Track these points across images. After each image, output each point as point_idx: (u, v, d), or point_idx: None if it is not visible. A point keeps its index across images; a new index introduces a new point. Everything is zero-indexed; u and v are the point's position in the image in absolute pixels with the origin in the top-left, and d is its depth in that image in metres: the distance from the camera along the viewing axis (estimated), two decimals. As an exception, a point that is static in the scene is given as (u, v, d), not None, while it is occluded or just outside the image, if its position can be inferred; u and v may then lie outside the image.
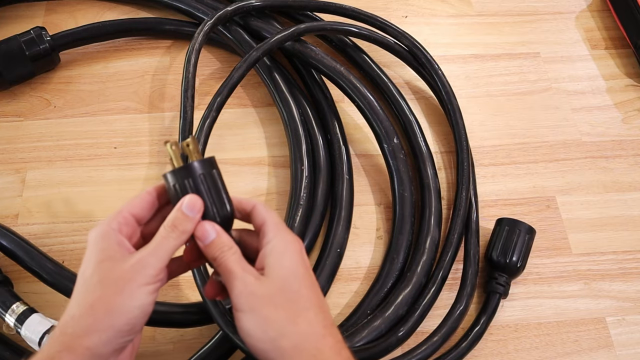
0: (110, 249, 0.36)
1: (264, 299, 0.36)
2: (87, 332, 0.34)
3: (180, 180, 0.38)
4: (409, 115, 0.65)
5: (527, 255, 0.58)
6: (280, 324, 0.35)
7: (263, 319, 0.36)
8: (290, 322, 0.36)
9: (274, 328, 0.35)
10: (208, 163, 0.39)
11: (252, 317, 0.36)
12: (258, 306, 0.36)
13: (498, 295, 0.57)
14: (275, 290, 0.36)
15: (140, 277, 0.35)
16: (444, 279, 0.57)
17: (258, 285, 0.36)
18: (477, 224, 0.61)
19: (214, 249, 0.38)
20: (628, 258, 0.62)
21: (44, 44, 0.66)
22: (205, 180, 0.38)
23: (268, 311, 0.36)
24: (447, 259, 0.57)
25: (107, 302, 0.34)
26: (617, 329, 0.58)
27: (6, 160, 0.65)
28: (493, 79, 0.73)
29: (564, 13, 0.79)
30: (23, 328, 0.49)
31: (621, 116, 0.71)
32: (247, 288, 0.36)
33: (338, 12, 0.69)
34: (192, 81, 0.59)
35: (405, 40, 0.68)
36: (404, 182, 0.61)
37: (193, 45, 0.61)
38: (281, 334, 0.35)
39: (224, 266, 0.37)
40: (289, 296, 0.36)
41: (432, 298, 0.55)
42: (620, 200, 0.65)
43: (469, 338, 0.55)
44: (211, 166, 0.39)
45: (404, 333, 0.53)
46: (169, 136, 0.67)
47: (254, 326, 0.36)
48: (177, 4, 0.71)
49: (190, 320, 0.54)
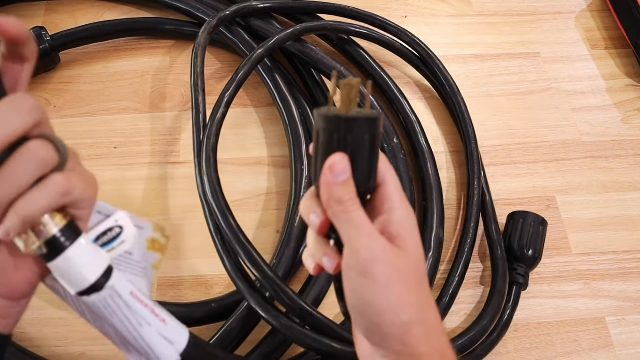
0: None
1: (402, 274, 0.31)
2: None
3: (342, 132, 0.31)
4: (410, 114, 0.65)
5: (542, 246, 0.58)
6: (414, 309, 0.31)
7: (398, 299, 0.30)
8: (421, 309, 0.31)
9: (408, 314, 0.30)
10: (378, 122, 0.31)
11: (387, 293, 0.30)
12: (395, 282, 0.30)
13: (519, 285, 0.57)
14: (411, 269, 0.31)
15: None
16: (466, 265, 0.58)
17: (397, 256, 0.31)
18: (493, 209, 0.62)
19: (344, 192, 0.31)
20: (628, 258, 0.62)
21: (44, 44, 0.66)
22: (368, 144, 0.31)
23: (402, 291, 0.31)
24: (467, 247, 0.59)
25: None
26: (617, 329, 0.58)
27: (6, 160, 0.65)
28: (493, 79, 0.73)
29: (564, 13, 0.79)
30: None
31: (621, 116, 0.71)
32: (385, 255, 0.31)
33: (338, 13, 0.69)
34: (202, 75, 0.60)
35: (406, 37, 0.68)
36: (404, 182, 0.61)
37: (199, 42, 0.61)
38: (414, 321, 0.31)
39: (353, 219, 0.31)
40: (419, 280, 0.32)
41: (458, 283, 0.57)
42: (620, 200, 0.65)
43: (498, 329, 0.56)
44: (377, 128, 0.31)
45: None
46: (169, 136, 0.67)
47: (387, 305, 0.30)
48: (177, 4, 0.71)
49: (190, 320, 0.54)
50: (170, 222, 0.62)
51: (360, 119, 0.30)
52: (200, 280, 0.59)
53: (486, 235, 0.61)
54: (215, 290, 0.58)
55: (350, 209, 0.31)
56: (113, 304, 0.32)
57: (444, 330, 0.32)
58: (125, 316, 0.32)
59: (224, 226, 0.51)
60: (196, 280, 0.59)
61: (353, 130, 0.30)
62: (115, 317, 0.32)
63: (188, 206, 0.62)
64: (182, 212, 0.62)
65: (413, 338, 0.30)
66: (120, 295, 0.32)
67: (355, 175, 0.31)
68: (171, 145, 0.66)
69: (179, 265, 0.59)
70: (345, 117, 0.30)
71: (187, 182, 0.64)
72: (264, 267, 0.50)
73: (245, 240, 0.51)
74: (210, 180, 0.53)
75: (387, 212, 0.32)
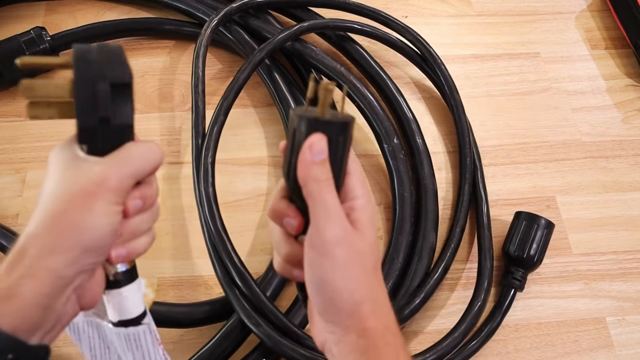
0: (74, 157, 0.32)
1: (360, 256, 0.33)
2: (51, 251, 0.30)
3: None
4: (407, 113, 0.65)
5: (544, 250, 0.58)
6: (366, 289, 0.33)
7: (353, 279, 0.33)
8: (372, 288, 0.34)
9: (361, 293, 0.33)
10: (351, 126, 0.33)
11: (345, 273, 0.32)
12: (353, 263, 0.33)
13: (513, 289, 0.57)
14: (369, 251, 0.34)
15: (110, 194, 0.31)
16: (445, 270, 0.57)
17: (357, 238, 0.33)
18: (488, 217, 0.61)
19: (322, 171, 0.32)
20: (628, 258, 0.62)
21: (44, 44, 0.66)
22: (341, 145, 0.33)
23: (358, 272, 0.33)
24: (450, 251, 0.58)
25: (74, 217, 0.30)
26: (617, 329, 0.58)
27: (6, 160, 0.65)
28: (493, 79, 0.73)
29: (564, 13, 0.79)
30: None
31: (621, 116, 0.71)
32: (347, 238, 0.33)
33: (341, 8, 0.69)
34: (202, 76, 0.60)
35: (409, 35, 0.68)
36: (403, 182, 0.61)
37: (200, 41, 0.61)
38: (365, 299, 0.33)
39: (326, 200, 0.32)
40: (374, 262, 0.34)
41: (432, 286, 0.56)
42: (620, 200, 0.65)
43: (484, 332, 0.56)
44: (350, 131, 0.34)
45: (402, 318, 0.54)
46: (169, 136, 0.67)
47: (344, 285, 0.32)
48: (177, 4, 0.71)
49: (190, 320, 0.54)
50: (170, 222, 0.62)
51: (336, 122, 0.33)
52: (200, 280, 0.59)
53: (477, 243, 0.61)
54: (215, 290, 0.58)
55: (325, 190, 0.33)
56: (142, 339, 0.37)
57: (390, 310, 0.35)
58: (148, 351, 0.37)
59: (221, 249, 0.53)
60: (196, 280, 0.59)
61: (329, 132, 0.32)
62: (138, 351, 0.37)
63: (188, 206, 0.62)
64: (182, 212, 0.62)
65: (362, 314, 0.33)
66: (151, 332, 0.37)
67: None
68: (171, 145, 0.66)
69: (179, 265, 0.59)
70: (324, 120, 0.32)
71: (187, 182, 0.64)
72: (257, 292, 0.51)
73: (240, 263, 0.52)
74: (208, 198, 0.53)
75: (350, 200, 0.34)
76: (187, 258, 0.60)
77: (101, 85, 0.30)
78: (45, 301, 0.30)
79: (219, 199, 0.55)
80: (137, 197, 0.34)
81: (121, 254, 0.34)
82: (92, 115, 0.31)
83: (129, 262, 0.36)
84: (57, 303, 0.31)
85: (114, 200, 0.32)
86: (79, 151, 0.32)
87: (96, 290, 0.34)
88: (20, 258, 0.30)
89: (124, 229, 0.33)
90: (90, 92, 0.30)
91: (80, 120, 0.31)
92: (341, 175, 0.34)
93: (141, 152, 0.33)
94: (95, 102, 0.30)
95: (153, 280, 0.42)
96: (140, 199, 0.34)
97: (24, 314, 0.29)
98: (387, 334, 0.33)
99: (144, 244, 0.36)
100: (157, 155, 0.34)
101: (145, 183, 0.35)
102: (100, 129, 0.31)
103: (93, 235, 0.31)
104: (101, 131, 0.31)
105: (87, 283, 0.33)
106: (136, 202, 0.33)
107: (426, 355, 0.53)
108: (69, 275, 0.31)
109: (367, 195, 0.35)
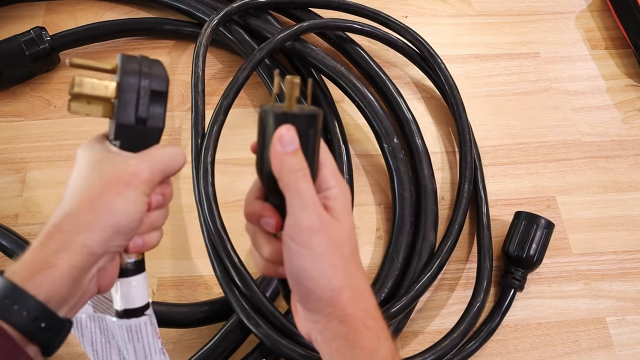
0: (107, 150, 0.36)
1: (336, 244, 0.34)
2: (86, 229, 0.33)
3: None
4: (407, 114, 0.65)
5: (544, 250, 0.58)
6: (345, 275, 0.34)
7: (331, 267, 0.33)
8: (351, 274, 0.34)
9: (339, 280, 0.34)
10: (318, 118, 0.35)
11: (321, 262, 0.33)
12: (330, 251, 0.33)
13: (513, 289, 0.57)
14: (346, 238, 0.35)
15: (142, 185, 0.35)
16: (440, 267, 0.57)
17: (333, 227, 0.34)
18: (488, 217, 0.61)
19: (295, 161, 0.33)
20: (628, 258, 0.62)
21: (44, 44, 0.66)
22: (311, 137, 0.34)
23: (336, 259, 0.34)
24: (446, 248, 0.57)
25: (109, 200, 0.34)
26: (617, 329, 0.58)
27: (6, 160, 0.65)
28: (493, 79, 0.73)
29: (564, 13, 0.79)
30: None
31: (621, 116, 0.71)
32: (323, 227, 0.33)
33: (341, 8, 0.69)
34: (202, 76, 0.60)
35: (408, 35, 0.68)
36: (403, 182, 0.61)
37: (200, 40, 0.61)
38: (344, 285, 0.34)
39: (301, 190, 0.33)
40: (352, 248, 0.35)
41: (425, 283, 0.55)
42: (620, 200, 0.65)
43: (483, 332, 0.56)
44: (318, 123, 0.35)
45: (394, 312, 0.53)
46: (169, 136, 0.67)
47: (321, 273, 0.33)
48: (177, 4, 0.71)
49: (190, 320, 0.54)
50: (170, 222, 0.62)
51: (303, 115, 0.34)
52: (200, 280, 0.59)
53: (477, 243, 0.61)
54: (215, 291, 0.58)
55: (301, 179, 0.33)
56: (144, 330, 0.39)
57: (370, 293, 0.36)
58: (148, 342, 0.39)
59: (220, 249, 0.52)
60: (196, 280, 0.59)
61: (298, 124, 0.33)
62: (138, 342, 0.39)
63: (188, 206, 0.62)
64: (182, 212, 0.62)
65: (342, 301, 0.34)
66: (152, 324, 0.39)
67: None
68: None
69: (179, 265, 0.59)
70: (292, 114, 0.33)
71: (187, 182, 0.63)
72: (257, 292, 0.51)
73: (239, 263, 0.52)
74: (207, 197, 0.53)
75: (325, 190, 0.35)
76: (186, 258, 0.60)
77: (144, 90, 0.36)
78: (76, 274, 0.33)
79: (219, 199, 0.55)
80: (159, 193, 0.37)
81: (138, 244, 0.37)
82: (132, 114, 0.35)
83: (140, 254, 0.39)
84: (85, 279, 0.34)
85: (145, 191, 0.35)
86: (112, 147, 0.36)
87: (113, 274, 0.37)
88: (55, 233, 0.33)
89: (144, 221, 0.36)
90: (134, 93, 0.35)
91: (121, 117, 0.35)
92: (314, 167, 0.35)
93: (169, 153, 0.37)
94: (136, 103, 0.35)
95: (148, 289, 0.44)
96: (161, 195, 0.37)
97: (57, 285, 0.32)
98: (368, 319, 0.34)
99: (156, 239, 0.39)
100: (181, 158, 0.38)
101: (165, 182, 0.38)
102: (136, 128, 0.36)
103: (124, 219, 0.34)
104: (136, 130, 0.36)
105: (109, 265, 0.36)
106: (158, 197, 0.37)
107: (426, 355, 0.53)
108: (99, 253, 0.34)
109: (340, 184, 0.36)
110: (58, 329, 0.33)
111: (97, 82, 0.35)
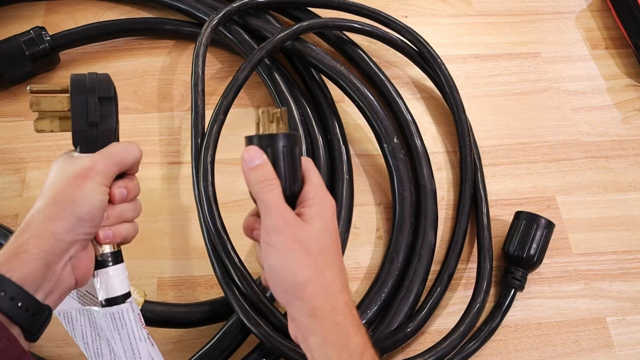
0: (70, 157, 0.40)
1: (301, 243, 0.37)
2: (52, 219, 0.37)
3: (263, 147, 0.39)
4: (406, 115, 0.65)
5: (544, 250, 0.58)
6: (310, 270, 0.37)
7: (296, 262, 0.37)
8: (317, 271, 0.38)
9: (304, 274, 0.37)
10: (292, 138, 0.40)
11: (285, 257, 0.37)
12: (294, 248, 0.37)
13: (513, 289, 0.57)
14: (312, 238, 0.38)
15: (98, 176, 0.39)
16: (450, 277, 0.58)
17: (298, 228, 0.38)
18: (488, 218, 0.61)
19: (258, 174, 0.38)
20: (628, 258, 0.62)
21: (44, 44, 0.66)
22: (286, 154, 0.39)
23: (301, 256, 0.37)
24: (452, 257, 0.58)
25: (69, 193, 0.38)
26: (617, 329, 0.58)
27: (6, 160, 0.65)
28: (493, 79, 0.73)
29: (564, 13, 0.79)
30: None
31: (621, 116, 0.71)
32: (288, 228, 0.38)
33: (341, 8, 0.69)
34: (202, 75, 0.60)
35: (409, 35, 0.68)
36: (403, 182, 0.61)
37: (200, 40, 0.61)
38: (309, 279, 0.37)
39: (264, 198, 0.38)
40: (321, 247, 0.38)
41: (438, 297, 0.57)
42: (620, 200, 0.65)
43: (483, 332, 0.56)
44: (294, 142, 0.40)
45: (411, 330, 0.54)
46: (169, 136, 0.67)
47: (285, 267, 0.37)
48: (177, 4, 0.71)
49: (190, 320, 0.54)
50: (170, 222, 0.62)
51: (275, 135, 0.39)
52: (200, 280, 0.59)
53: (477, 243, 0.61)
54: (215, 291, 0.58)
55: (265, 189, 0.38)
56: (126, 317, 0.41)
57: (341, 292, 0.39)
58: (132, 329, 0.41)
59: (220, 249, 0.52)
60: (196, 280, 0.59)
61: (270, 144, 0.39)
62: (123, 329, 0.41)
63: (188, 206, 0.62)
64: (182, 212, 0.62)
65: (308, 293, 0.37)
66: (133, 310, 0.42)
67: (281, 182, 0.39)
68: (171, 146, 0.66)
69: (179, 265, 0.59)
70: (262, 135, 0.40)
71: (187, 182, 0.64)
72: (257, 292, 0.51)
73: (239, 263, 0.52)
74: (207, 197, 0.53)
75: (304, 201, 0.40)
76: (186, 258, 0.60)
77: (91, 97, 0.40)
78: (47, 258, 0.36)
79: (219, 199, 0.55)
80: (122, 187, 0.41)
81: (108, 235, 0.41)
82: (84, 120, 0.40)
83: (114, 245, 0.42)
84: (57, 266, 0.37)
85: (101, 181, 0.39)
86: (74, 153, 0.41)
87: (88, 264, 0.40)
88: (27, 226, 0.37)
89: (110, 212, 0.41)
90: (83, 102, 0.40)
91: (75, 124, 0.40)
92: (295, 182, 0.40)
93: (123, 147, 0.42)
94: (86, 110, 0.40)
95: (141, 292, 0.48)
96: (124, 188, 0.41)
97: (29, 268, 0.35)
98: (336, 314, 0.37)
99: (126, 231, 0.42)
100: (135, 150, 0.42)
101: (128, 177, 0.43)
102: (90, 132, 0.41)
103: (85, 207, 0.38)
104: (91, 133, 0.41)
105: (81, 254, 0.39)
106: (121, 190, 0.41)
107: (426, 355, 0.53)
108: (67, 240, 0.37)
109: (319, 197, 0.40)
110: (36, 311, 0.35)
111: (52, 99, 0.40)
